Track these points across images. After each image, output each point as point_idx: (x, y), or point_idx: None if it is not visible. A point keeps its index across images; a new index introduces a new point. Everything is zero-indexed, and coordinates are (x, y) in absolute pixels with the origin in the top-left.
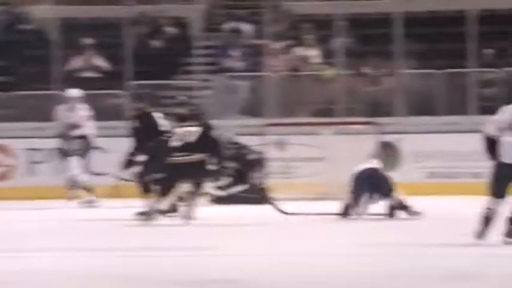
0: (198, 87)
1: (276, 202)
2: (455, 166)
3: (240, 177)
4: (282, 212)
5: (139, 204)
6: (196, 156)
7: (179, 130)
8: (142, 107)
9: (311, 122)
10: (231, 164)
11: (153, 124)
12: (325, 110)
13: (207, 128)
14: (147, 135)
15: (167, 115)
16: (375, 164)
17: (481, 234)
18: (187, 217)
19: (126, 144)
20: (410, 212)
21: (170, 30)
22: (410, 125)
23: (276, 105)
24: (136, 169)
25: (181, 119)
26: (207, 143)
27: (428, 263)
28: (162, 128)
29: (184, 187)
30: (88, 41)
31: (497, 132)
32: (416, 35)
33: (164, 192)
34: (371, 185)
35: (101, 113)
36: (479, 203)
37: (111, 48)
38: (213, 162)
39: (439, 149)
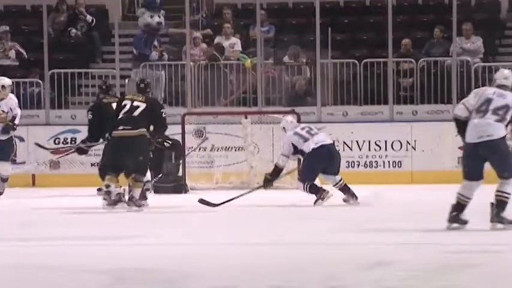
0: (118, 76)
1: (194, 191)
2: (375, 155)
3: (155, 166)
4: (204, 202)
5: (57, 193)
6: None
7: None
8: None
9: (231, 112)
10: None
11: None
12: (246, 99)
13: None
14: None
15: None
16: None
17: (452, 219)
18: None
19: (42, 132)
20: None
21: (89, 18)
22: (329, 115)
23: (196, 94)
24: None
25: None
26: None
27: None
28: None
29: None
30: (5, 28)
31: (465, 114)
32: (337, 24)
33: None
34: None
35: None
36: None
37: (30, 36)
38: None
39: (358, 138)
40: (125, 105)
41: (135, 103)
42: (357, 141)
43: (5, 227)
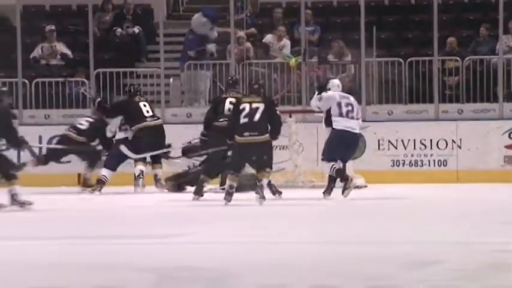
0: (162, 75)
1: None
2: (420, 154)
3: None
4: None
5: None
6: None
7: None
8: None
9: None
10: None
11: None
12: (290, 98)
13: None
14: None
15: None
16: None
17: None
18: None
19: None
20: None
21: (134, 17)
22: (374, 114)
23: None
24: None
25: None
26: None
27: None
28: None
29: None
30: (50, 27)
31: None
32: (382, 23)
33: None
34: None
35: (65, 101)
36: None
37: (75, 35)
38: None
39: (403, 137)
40: (244, 108)
41: (254, 105)
42: (402, 140)
43: (46, 225)
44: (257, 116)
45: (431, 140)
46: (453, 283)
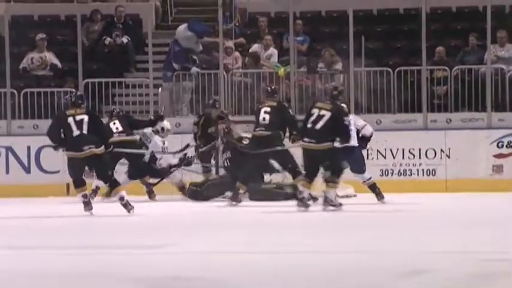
0: (151, 85)
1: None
2: (408, 163)
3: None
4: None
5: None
6: None
7: None
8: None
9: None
10: None
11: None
12: None
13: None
14: None
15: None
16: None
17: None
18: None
19: None
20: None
21: (124, 26)
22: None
23: (229, 103)
24: None
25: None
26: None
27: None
28: None
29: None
30: (41, 36)
31: None
32: (370, 33)
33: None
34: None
35: (54, 111)
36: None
37: (64, 45)
38: None
39: (392, 147)
40: (313, 113)
41: (322, 112)
42: (391, 150)
43: (32, 235)
44: (319, 125)
45: (419, 150)
46: None
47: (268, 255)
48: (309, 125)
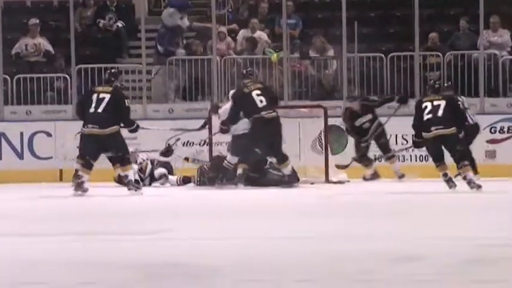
0: (144, 71)
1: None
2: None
3: None
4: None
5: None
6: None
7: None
8: None
9: None
10: None
11: None
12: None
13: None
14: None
15: None
16: None
17: None
18: None
19: (69, 128)
20: None
21: (117, 9)
22: None
23: (222, 89)
24: None
25: None
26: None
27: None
28: None
29: None
30: (35, 21)
31: None
32: (363, 18)
33: None
34: None
35: (47, 97)
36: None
37: (57, 31)
38: None
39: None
40: (426, 107)
41: (435, 102)
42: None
43: (25, 222)
44: (440, 112)
45: (413, 135)
46: (437, 277)
47: (256, 241)
48: (428, 116)
